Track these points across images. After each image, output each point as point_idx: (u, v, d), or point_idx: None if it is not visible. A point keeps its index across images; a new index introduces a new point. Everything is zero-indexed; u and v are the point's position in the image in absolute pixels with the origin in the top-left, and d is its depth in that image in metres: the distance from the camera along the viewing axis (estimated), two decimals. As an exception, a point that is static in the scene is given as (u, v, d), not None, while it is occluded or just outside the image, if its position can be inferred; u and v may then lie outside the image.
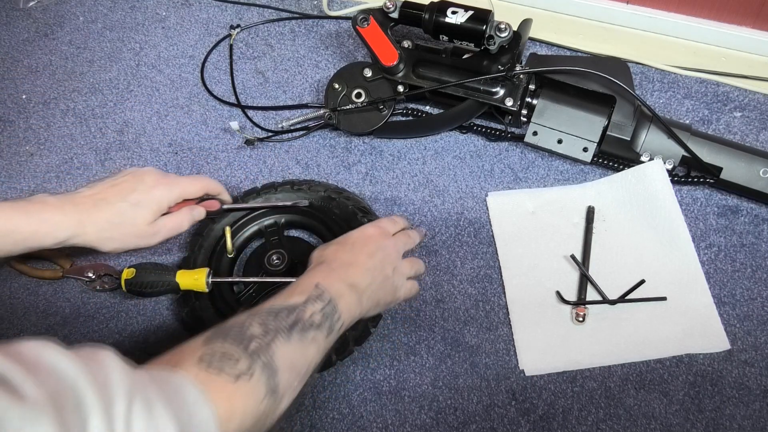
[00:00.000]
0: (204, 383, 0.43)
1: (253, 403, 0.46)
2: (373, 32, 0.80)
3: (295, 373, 0.50)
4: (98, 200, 0.63)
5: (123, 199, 0.64)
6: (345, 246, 0.63)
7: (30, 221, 0.60)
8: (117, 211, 0.63)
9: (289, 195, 0.78)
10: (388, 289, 0.63)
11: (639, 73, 0.88)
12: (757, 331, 0.71)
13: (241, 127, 0.87)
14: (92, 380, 0.35)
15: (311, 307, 0.54)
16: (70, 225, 0.61)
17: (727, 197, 0.79)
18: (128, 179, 0.66)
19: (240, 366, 0.46)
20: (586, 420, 0.68)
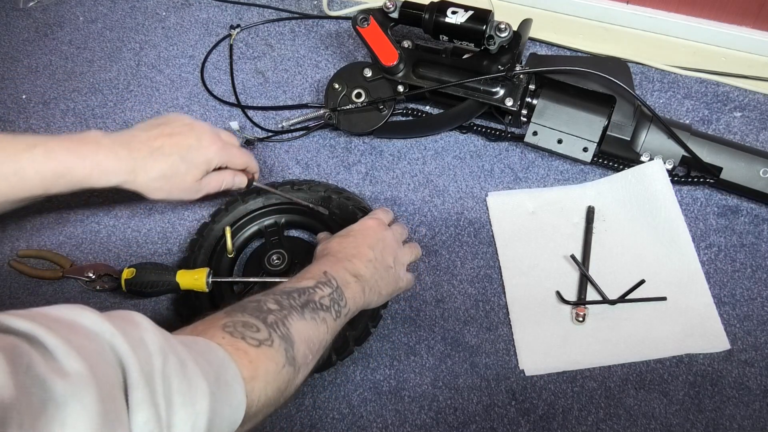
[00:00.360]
0: (228, 346, 0.45)
1: (274, 368, 0.47)
2: (373, 32, 0.80)
3: (309, 347, 0.51)
4: (154, 149, 0.62)
5: (179, 154, 0.63)
6: (347, 239, 0.64)
7: (84, 164, 0.59)
8: (171, 165, 0.63)
9: (304, 195, 0.78)
10: (390, 279, 0.64)
11: (639, 73, 0.88)
12: (757, 331, 0.71)
13: (241, 127, 0.87)
14: (128, 340, 0.36)
15: (320, 291, 0.55)
16: (123, 171, 0.61)
17: (727, 197, 0.79)
18: (185, 132, 0.65)
19: (261, 335, 0.47)
20: (586, 420, 0.68)
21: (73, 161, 0.59)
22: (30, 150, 0.57)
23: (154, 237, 0.81)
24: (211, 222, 0.78)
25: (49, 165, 0.58)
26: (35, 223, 0.84)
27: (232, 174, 0.71)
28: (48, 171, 0.58)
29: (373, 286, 0.61)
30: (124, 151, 0.61)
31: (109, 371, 0.34)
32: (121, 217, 0.83)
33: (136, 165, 0.61)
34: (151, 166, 0.62)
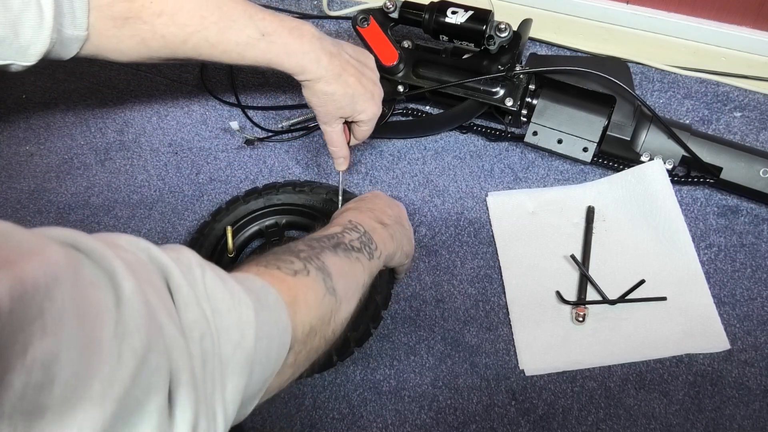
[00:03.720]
0: (265, 276, 0.44)
1: (314, 296, 0.46)
2: (373, 32, 0.80)
3: (348, 282, 0.51)
4: (342, 74, 0.66)
5: (353, 92, 0.67)
6: (363, 201, 0.67)
7: (290, 62, 0.64)
8: (342, 95, 0.66)
9: (306, 197, 0.78)
10: (408, 237, 0.66)
11: (639, 73, 0.88)
12: (757, 331, 0.71)
13: (241, 127, 0.87)
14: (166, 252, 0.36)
15: (348, 235, 0.56)
16: (312, 75, 0.64)
17: (727, 197, 0.79)
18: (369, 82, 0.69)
19: (296, 266, 0.47)
20: (586, 420, 0.68)
21: (283, 58, 0.64)
22: (258, 40, 0.62)
23: (154, 237, 0.81)
24: (211, 221, 0.78)
25: (266, 56, 0.63)
26: (35, 223, 0.84)
27: (345, 153, 0.73)
28: (262, 60, 0.64)
29: (396, 236, 0.62)
30: (325, 60, 0.64)
31: (152, 276, 0.33)
32: (121, 217, 0.83)
33: (325, 75, 0.65)
34: (332, 84, 0.66)
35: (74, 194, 0.86)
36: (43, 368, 0.23)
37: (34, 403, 0.22)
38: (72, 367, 0.24)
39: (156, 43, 0.60)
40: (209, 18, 0.60)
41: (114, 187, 0.86)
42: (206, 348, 0.34)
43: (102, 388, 0.25)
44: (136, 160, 0.88)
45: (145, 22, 0.59)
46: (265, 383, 0.40)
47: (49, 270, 0.24)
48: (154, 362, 0.29)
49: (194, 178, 0.86)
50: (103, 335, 0.26)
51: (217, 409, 0.34)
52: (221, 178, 0.86)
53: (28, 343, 0.22)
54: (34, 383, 0.22)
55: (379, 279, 0.68)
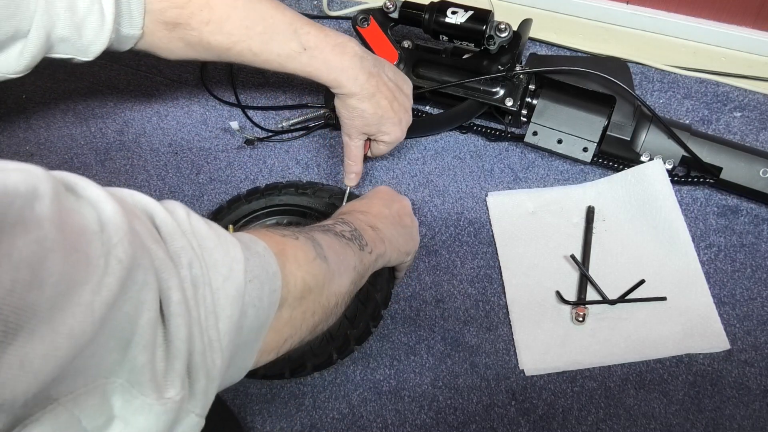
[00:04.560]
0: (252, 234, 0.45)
1: (303, 255, 0.46)
2: (373, 32, 0.80)
3: (339, 257, 0.51)
4: (375, 95, 0.68)
5: (382, 113, 0.69)
6: (360, 201, 0.68)
7: (328, 76, 0.66)
8: (371, 114, 0.69)
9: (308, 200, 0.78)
10: (408, 237, 0.66)
11: (639, 73, 0.88)
12: (757, 331, 0.71)
13: (241, 127, 0.87)
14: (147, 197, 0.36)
15: (339, 227, 0.56)
16: (347, 90, 0.67)
17: (727, 197, 0.79)
18: (399, 108, 0.70)
19: (284, 231, 0.48)
20: (586, 420, 0.68)
21: (323, 72, 0.66)
22: (299, 53, 0.65)
23: (154, 237, 0.81)
24: (212, 220, 0.77)
25: (306, 70, 0.66)
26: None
27: (358, 169, 0.75)
28: (301, 71, 0.66)
29: (391, 239, 0.62)
30: (362, 79, 0.67)
31: (136, 210, 0.34)
32: (121, 217, 0.83)
33: (359, 92, 0.67)
34: (365, 103, 0.68)
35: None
36: (29, 268, 0.23)
37: (24, 301, 0.23)
38: (59, 272, 0.25)
39: (202, 48, 0.65)
40: (254, 29, 0.63)
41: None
42: (195, 274, 0.34)
43: (90, 295, 0.26)
44: (136, 160, 0.88)
45: (193, 29, 0.63)
46: (260, 331, 0.41)
47: (29, 180, 0.25)
48: (141, 278, 0.30)
49: (194, 178, 0.86)
50: (89, 251, 0.27)
51: (212, 335, 0.34)
52: (221, 178, 0.86)
53: (12, 244, 0.23)
54: (22, 280, 0.23)
55: (379, 277, 0.68)
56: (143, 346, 0.30)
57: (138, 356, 0.30)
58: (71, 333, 0.25)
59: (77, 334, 0.25)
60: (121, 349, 0.29)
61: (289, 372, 0.67)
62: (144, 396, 0.30)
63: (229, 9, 0.62)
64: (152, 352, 0.31)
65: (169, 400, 0.31)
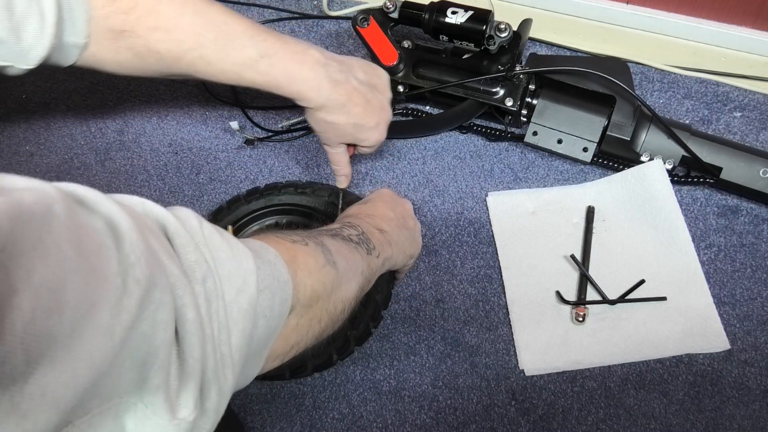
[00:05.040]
0: (263, 240, 0.44)
1: (313, 261, 0.46)
2: (373, 32, 0.80)
3: (347, 262, 0.50)
4: (346, 103, 0.64)
5: (357, 121, 0.66)
6: (364, 204, 0.67)
7: (291, 88, 0.62)
8: (345, 123, 0.65)
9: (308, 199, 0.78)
10: (412, 239, 0.66)
11: (639, 73, 0.88)
12: (757, 331, 0.71)
13: (241, 127, 0.87)
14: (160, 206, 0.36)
15: (347, 230, 0.56)
16: (314, 103, 0.63)
17: (727, 197, 0.79)
18: (375, 111, 0.67)
19: (294, 237, 0.47)
20: (586, 420, 0.68)
21: (283, 83, 0.62)
22: (257, 61, 0.61)
23: (154, 237, 0.81)
24: (212, 220, 0.77)
25: (265, 79, 0.62)
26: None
27: (347, 172, 0.73)
28: (260, 82, 0.62)
29: (397, 241, 0.62)
30: (328, 89, 0.63)
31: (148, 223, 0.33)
32: (121, 217, 0.83)
33: (327, 105, 0.64)
34: (335, 114, 0.65)
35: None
36: (50, 293, 0.23)
37: (45, 327, 0.22)
38: (78, 295, 0.24)
39: (151, 58, 0.60)
40: (206, 36, 0.59)
41: (114, 187, 0.86)
42: (209, 289, 0.34)
43: (110, 318, 0.26)
44: (136, 160, 0.88)
45: (139, 36, 0.58)
46: (269, 340, 0.40)
47: (45, 201, 0.25)
48: (158, 297, 0.29)
49: (194, 178, 0.86)
50: (107, 270, 0.27)
51: (224, 351, 0.34)
52: (221, 178, 0.86)
53: (32, 267, 0.22)
54: (42, 307, 0.22)
55: (379, 278, 0.68)
56: (158, 367, 0.29)
57: (153, 377, 0.29)
58: (92, 359, 0.25)
59: (98, 360, 0.25)
60: (136, 368, 0.29)
61: (290, 373, 0.67)
62: (157, 416, 0.30)
63: (177, 15, 0.58)
64: (167, 372, 0.30)
65: (182, 420, 0.31)
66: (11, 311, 0.21)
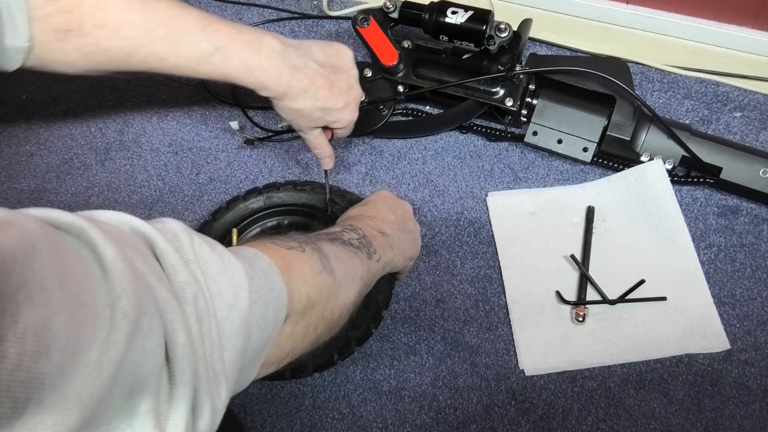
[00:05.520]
0: (257, 247, 0.43)
1: (309, 269, 0.45)
2: (373, 32, 0.80)
3: (346, 267, 0.50)
4: (310, 87, 0.63)
5: (324, 104, 0.65)
6: (366, 206, 0.66)
7: (249, 78, 0.61)
8: (313, 108, 0.64)
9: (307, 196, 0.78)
10: (412, 241, 0.66)
11: (639, 73, 0.88)
12: (757, 331, 0.71)
13: (241, 127, 0.87)
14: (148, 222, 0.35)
15: (347, 234, 0.55)
16: (276, 92, 0.62)
17: (727, 197, 0.79)
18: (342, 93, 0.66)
19: (290, 243, 0.46)
20: (586, 420, 0.68)
21: (241, 74, 0.61)
22: (211, 54, 0.59)
23: (154, 237, 0.81)
24: (211, 220, 0.78)
25: (220, 71, 0.61)
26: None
27: (328, 153, 0.72)
28: (217, 75, 0.61)
29: (397, 244, 0.61)
30: (288, 76, 0.62)
31: (136, 244, 0.32)
32: (121, 217, 0.83)
33: (290, 93, 0.63)
34: (299, 100, 0.63)
35: (74, 194, 0.86)
36: (36, 337, 0.22)
37: (32, 372, 0.22)
38: (66, 335, 0.24)
39: (102, 57, 0.58)
40: (157, 31, 0.57)
41: (114, 187, 0.86)
42: (201, 309, 0.33)
43: (98, 355, 0.25)
44: (136, 160, 0.88)
45: (87, 35, 0.56)
46: (263, 349, 0.40)
47: (26, 239, 0.24)
48: (146, 325, 0.29)
49: (194, 178, 0.86)
50: (95, 303, 0.26)
51: (217, 368, 0.34)
52: (221, 178, 0.86)
53: (17, 312, 0.22)
54: (29, 352, 0.22)
55: (381, 279, 0.68)
56: (147, 393, 0.29)
57: (142, 403, 0.29)
58: (80, 398, 0.24)
59: (86, 398, 0.24)
60: (124, 396, 0.28)
61: (290, 373, 0.68)
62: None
63: (124, 11, 0.56)
64: (156, 397, 0.30)
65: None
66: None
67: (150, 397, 0.29)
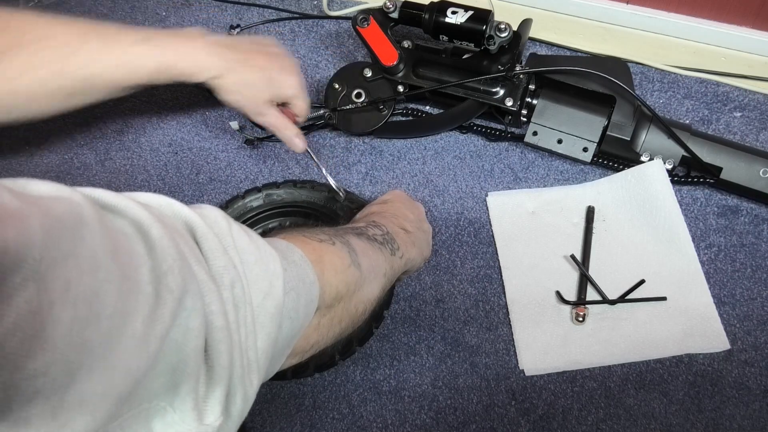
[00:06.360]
0: (290, 240, 0.44)
1: (339, 261, 0.46)
2: (373, 32, 0.80)
3: (371, 262, 0.50)
4: (248, 58, 0.67)
5: (266, 69, 0.68)
6: (386, 204, 0.66)
7: (186, 60, 0.64)
8: (257, 77, 0.67)
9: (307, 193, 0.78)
10: (427, 242, 0.66)
11: (639, 73, 0.88)
12: (757, 331, 0.71)
13: (241, 127, 0.87)
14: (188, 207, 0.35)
15: (372, 230, 0.56)
16: (216, 69, 0.65)
17: (727, 197, 0.79)
18: (277, 56, 0.69)
19: (321, 236, 0.47)
20: (586, 420, 0.68)
21: (177, 57, 0.63)
22: (141, 44, 0.62)
23: (154, 237, 0.81)
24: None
25: (156, 59, 0.62)
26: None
27: (294, 131, 0.73)
28: (154, 64, 0.63)
29: (417, 242, 0.62)
30: (220, 55, 0.65)
31: (177, 226, 0.33)
32: (121, 217, 0.83)
33: (229, 66, 0.65)
34: (241, 72, 0.66)
35: (74, 194, 0.86)
36: (86, 303, 0.23)
37: (83, 338, 0.22)
38: (113, 304, 0.24)
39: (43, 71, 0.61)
40: (89, 34, 0.61)
41: (114, 187, 0.86)
42: (237, 295, 0.34)
43: (144, 328, 0.26)
44: (136, 160, 0.88)
45: (22, 47, 0.59)
46: (292, 340, 0.40)
47: (75, 210, 0.24)
48: (189, 304, 0.29)
49: (194, 178, 0.86)
50: (139, 278, 0.27)
51: (250, 356, 0.34)
52: (221, 178, 0.86)
53: (68, 278, 0.22)
54: (80, 317, 0.22)
55: None
56: (188, 373, 0.29)
57: (183, 383, 0.29)
58: (128, 369, 0.24)
59: (133, 368, 0.25)
60: (167, 374, 0.29)
61: (291, 373, 0.68)
62: (185, 422, 0.30)
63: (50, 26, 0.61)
64: (196, 378, 0.30)
65: (208, 426, 0.31)
66: (51, 323, 0.21)
67: (190, 378, 0.30)
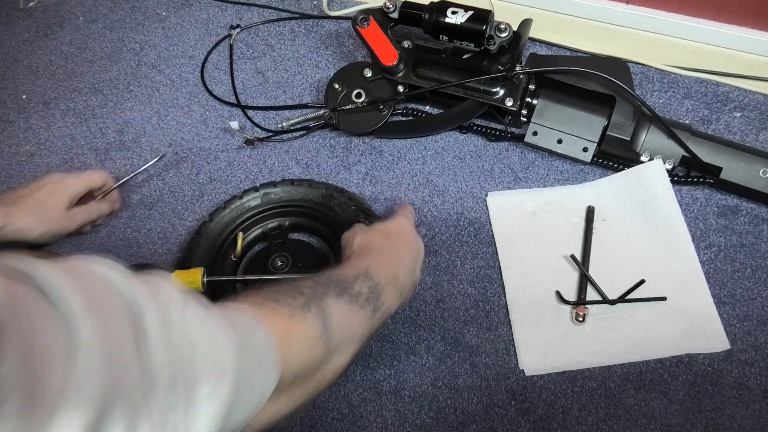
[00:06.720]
0: (259, 315, 0.43)
1: (308, 338, 0.45)
2: (373, 32, 0.80)
3: (346, 331, 0.50)
4: (20, 197, 0.73)
5: (41, 192, 0.73)
6: (389, 239, 0.64)
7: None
8: (37, 200, 0.73)
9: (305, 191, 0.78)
10: (413, 289, 0.65)
11: (639, 73, 0.88)
12: (757, 331, 0.71)
13: (241, 127, 0.87)
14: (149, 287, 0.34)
15: (360, 283, 0.54)
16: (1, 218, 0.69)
17: (727, 197, 0.79)
18: (39, 180, 0.76)
19: (295, 304, 0.46)
20: (586, 420, 0.68)
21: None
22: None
23: (154, 237, 0.81)
24: (209, 221, 0.78)
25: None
26: (35, 223, 0.84)
27: (97, 203, 0.79)
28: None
29: (404, 292, 0.61)
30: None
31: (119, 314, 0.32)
32: (121, 217, 0.83)
33: (10, 210, 0.70)
34: (20, 207, 0.71)
35: (74, 194, 0.86)
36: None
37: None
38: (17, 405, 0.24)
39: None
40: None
41: (114, 187, 0.86)
42: (177, 391, 0.32)
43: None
44: (136, 160, 0.88)
45: None
46: (245, 421, 0.39)
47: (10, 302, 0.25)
48: (115, 410, 0.28)
49: (194, 178, 0.86)
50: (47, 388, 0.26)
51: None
52: (221, 178, 0.86)
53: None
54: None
55: None
56: None
57: None
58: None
59: None
60: None
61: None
62: None
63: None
64: None
65: None
66: None
67: None
